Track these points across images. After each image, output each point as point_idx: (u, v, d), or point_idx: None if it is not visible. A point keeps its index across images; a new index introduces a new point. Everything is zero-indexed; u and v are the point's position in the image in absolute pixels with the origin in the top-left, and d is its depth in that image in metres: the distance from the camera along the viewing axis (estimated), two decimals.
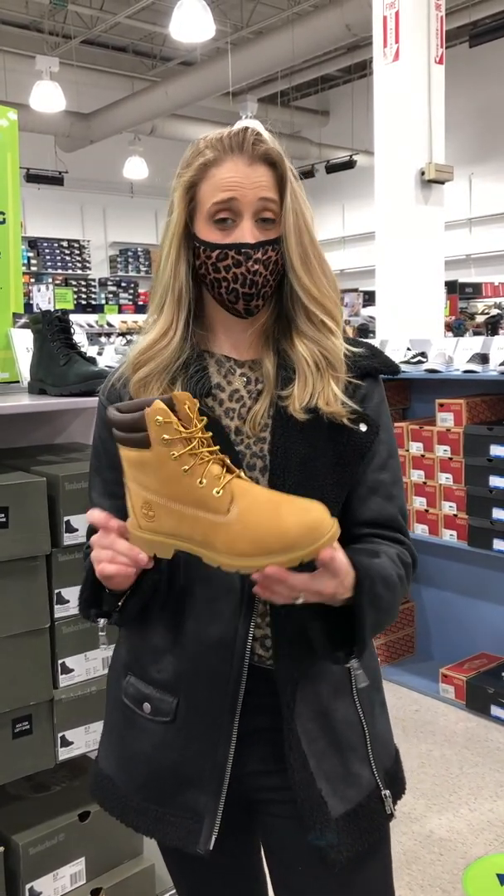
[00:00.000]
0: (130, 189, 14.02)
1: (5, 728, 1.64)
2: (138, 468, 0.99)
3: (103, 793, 1.25)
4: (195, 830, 1.14)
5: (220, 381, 1.19)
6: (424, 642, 4.16)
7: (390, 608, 1.12)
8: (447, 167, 5.49)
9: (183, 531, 0.97)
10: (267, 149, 1.13)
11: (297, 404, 1.13)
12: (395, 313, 5.52)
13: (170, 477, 0.96)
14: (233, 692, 1.12)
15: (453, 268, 10.61)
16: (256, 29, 11.16)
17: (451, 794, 2.98)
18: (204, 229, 1.14)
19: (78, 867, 1.80)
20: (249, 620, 1.12)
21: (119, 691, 1.24)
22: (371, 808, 1.17)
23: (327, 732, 1.15)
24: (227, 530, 0.94)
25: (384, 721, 1.26)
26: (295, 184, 1.14)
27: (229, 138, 1.13)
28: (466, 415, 3.56)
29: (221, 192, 1.12)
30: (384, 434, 1.19)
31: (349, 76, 13.77)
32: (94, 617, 1.14)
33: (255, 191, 1.12)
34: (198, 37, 8.20)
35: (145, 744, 1.19)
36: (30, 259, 12.82)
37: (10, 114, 2.01)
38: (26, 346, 1.98)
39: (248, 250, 1.12)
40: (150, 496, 0.98)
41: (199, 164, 1.14)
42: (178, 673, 1.15)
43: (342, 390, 1.15)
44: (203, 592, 1.13)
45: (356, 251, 13.30)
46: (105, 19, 11.03)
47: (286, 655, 1.13)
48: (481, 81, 11.75)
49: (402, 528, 1.21)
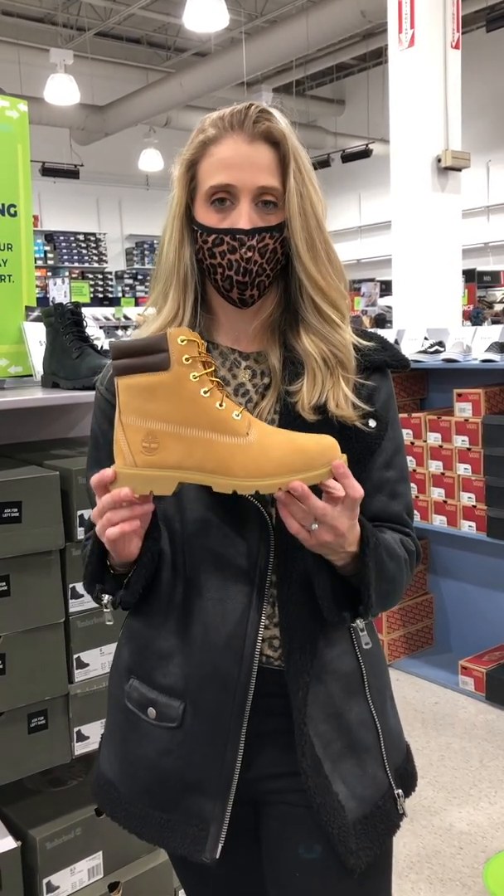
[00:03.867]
0: (146, 181, 14.00)
1: (21, 723, 1.63)
2: (146, 395, 0.96)
3: (105, 797, 1.22)
4: (201, 838, 1.10)
5: (226, 375, 1.15)
6: (443, 634, 4.13)
7: (394, 581, 1.10)
8: (464, 154, 5.43)
9: (192, 459, 0.96)
10: (269, 126, 1.07)
11: (305, 403, 1.09)
12: (413, 303, 5.48)
13: (187, 399, 0.96)
14: (242, 695, 1.09)
15: (471, 256, 10.53)
16: (270, 18, 11.08)
17: (472, 788, 2.95)
18: (202, 211, 1.10)
19: (95, 861, 1.80)
20: (259, 620, 1.09)
21: (121, 694, 1.20)
22: (386, 810, 1.15)
23: (342, 734, 1.12)
24: (247, 451, 0.95)
25: (395, 717, 1.24)
26: (302, 164, 1.08)
27: (230, 115, 1.08)
28: (485, 404, 3.52)
29: (219, 172, 1.07)
30: (392, 430, 1.16)
31: (364, 64, 13.66)
32: (98, 593, 1.11)
33: (254, 177, 1.06)
34: (212, 27, 8.15)
35: (149, 749, 1.15)
36: (46, 253, 12.85)
37: (20, 105, 1.99)
38: (39, 340, 1.97)
39: (241, 236, 1.06)
40: (157, 425, 0.97)
41: (199, 141, 1.10)
42: (185, 677, 1.11)
43: (352, 390, 1.11)
44: (210, 593, 1.10)
45: (373, 241, 13.22)
46: (119, 11, 11.00)
47: (296, 657, 1.10)
48: (499, 67, 11.61)
49: (407, 524, 1.18)
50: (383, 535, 1.11)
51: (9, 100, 1.96)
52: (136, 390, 0.97)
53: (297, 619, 1.09)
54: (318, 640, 1.11)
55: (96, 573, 1.11)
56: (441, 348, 3.81)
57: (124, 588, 1.10)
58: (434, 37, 5.36)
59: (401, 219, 5.56)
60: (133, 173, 13.58)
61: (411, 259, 5.51)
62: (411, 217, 5.49)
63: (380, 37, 11.08)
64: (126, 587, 1.09)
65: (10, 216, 1.98)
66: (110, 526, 1.00)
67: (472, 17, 10.32)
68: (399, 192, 5.54)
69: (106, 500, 0.98)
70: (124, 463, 0.98)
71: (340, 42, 11.61)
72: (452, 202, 5.54)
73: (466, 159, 5.44)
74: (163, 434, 0.97)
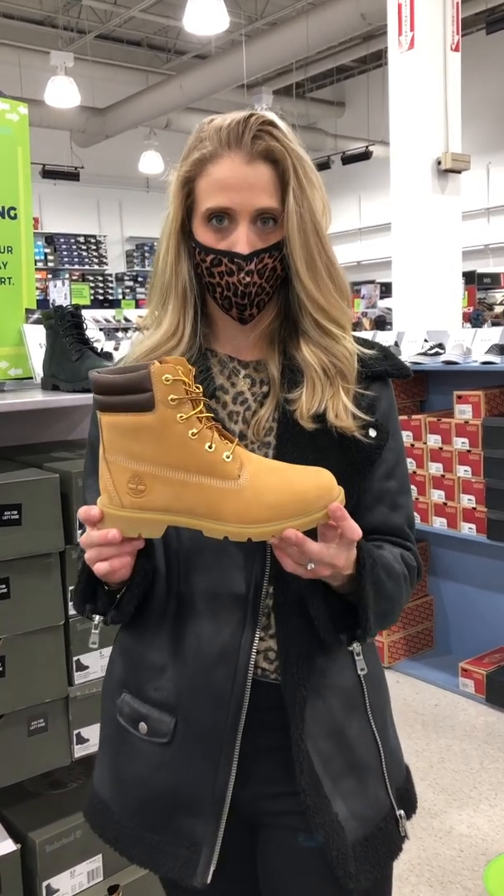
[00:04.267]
0: (146, 183, 14.01)
1: (21, 725, 1.63)
2: (130, 436, 0.91)
3: (97, 818, 1.18)
4: (192, 861, 1.06)
5: (224, 383, 1.13)
6: (443, 636, 4.13)
7: (392, 599, 1.06)
8: (464, 156, 5.43)
9: (181, 503, 0.91)
10: (268, 146, 1.03)
11: (304, 411, 1.06)
12: (413, 304, 5.48)
13: (174, 442, 0.90)
14: (235, 709, 1.05)
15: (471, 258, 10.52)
16: (271, 20, 11.09)
17: (472, 790, 2.95)
18: (200, 229, 1.07)
19: (95, 864, 1.79)
20: (254, 632, 1.06)
21: (113, 710, 1.17)
22: (388, 832, 1.11)
23: (343, 751, 1.09)
24: (239, 496, 0.90)
25: (395, 736, 1.21)
26: (303, 178, 1.05)
27: (228, 131, 1.04)
28: (485, 406, 3.52)
29: (216, 194, 1.04)
30: (392, 441, 1.13)
31: (364, 66, 13.67)
32: (88, 613, 1.08)
33: (253, 199, 1.03)
34: (212, 29, 8.15)
35: (140, 766, 1.11)
36: (46, 255, 12.85)
37: (20, 108, 1.99)
38: (39, 342, 1.97)
39: (240, 261, 1.04)
40: (143, 467, 0.91)
41: (196, 158, 1.06)
42: (177, 691, 1.08)
43: (352, 400, 1.09)
44: (204, 605, 1.07)
45: (373, 242, 13.22)
46: (119, 13, 11.01)
47: (293, 670, 1.06)
48: (498, 69, 11.62)
49: (408, 537, 1.16)
50: (382, 551, 1.08)
51: (9, 102, 1.96)
52: (119, 429, 0.91)
53: (294, 631, 1.07)
54: (317, 653, 1.08)
55: (86, 593, 1.08)
56: (441, 350, 3.81)
57: (115, 608, 1.07)
58: (434, 39, 5.37)
59: (401, 221, 5.56)
60: (133, 175, 13.59)
61: (411, 261, 5.51)
62: (411, 219, 5.49)
63: (380, 39, 11.10)
64: (117, 607, 1.06)
65: (10, 219, 1.98)
66: (99, 561, 0.97)
67: (471, 20, 10.34)
68: (399, 195, 5.54)
69: (94, 536, 0.95)
70: (110, 502, 0.94)
71: (340, 44, 11.62)
72: (452, 204, 5.54)
73: (466, 161, 5.44)
74: (150, 476, 0.91)
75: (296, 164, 1.05)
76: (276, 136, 1.05)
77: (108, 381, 0.91)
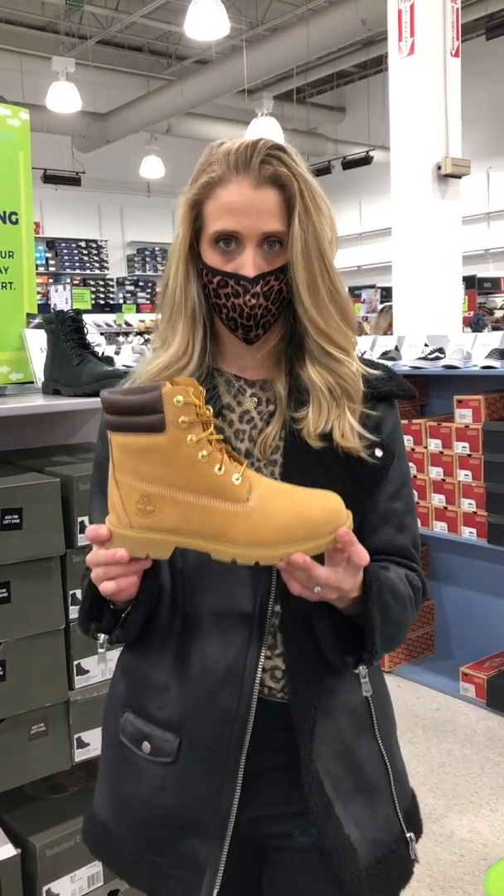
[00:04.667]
0: (147, 188, 14.03)
1: (21, 730, 1.63)
2: (140, 456, 0.91)
3: (96, 840, 1.16)
4: (195, 884, 1.05)
5: (230, 402, 1.13)
6: (444, 640, 4.13)
7: (399, 622, 1.06)
8: (464, 161, 5.44)
9: (190, 525, 0.91)
10: (275, 171, 1.05)
11: (311, 430, 1.06)
12: (413, 309, 5.48)
13: (184, 464, 0.90)
14: (240, 728, 1.04)
15: (471, 263, 10.54)
16: (271, 26, 11.13)
17: (473, 795, 2.95)
18: (208, 251, 1.08)
19: (95, 869, 1.79)
20: (259, 651, 1.05)
21: (116, 729, 1.15)
22: (400, 855, 1.10)
23: (353, 773, 1.08)
24: (247, 519, 0.90)
25: (401, 758, 1.20)
26: (309, 203, 1.06)
27: (236, 155, 1.05)
28: (485, 411, 3.52)
29: (224, 217, 1.05)
30: (398, 461, 1.13)
31: (365, 72, 13.70)
32: (93, 632, 1.07)
33: (260, 223, 1.05)
34: (213, 35, 8.17)
35: (142, 786, 1.10)
36: (48, 259, 12.88)
37: (22, 114, 2.01)
38: (40, 347, 1.98)
39: (245, 283, 1.05)
40: (152, 488, 0.91)
41: (204, 182, 1.07)
42: (181, 710, 1.07)
43: (358, 420, 1.09)
44: (210, 623, 1.06)
45: (373, 247, 13.24)
46: (120, 19, 11.04)
47: (301, 689, 1.05)
48: (498, 74, 11.64)
49: (413, 558, 1.15)
50: (387, 573, 1.07)
51: (10, 108, 1.97)
52: (129, 450, 0.91)
53: (302, 650, 1.06)
54: (325, 673, 1.07)
55: (91, 612, 1.07)
56: (441, 355, 3.82)
57: (120, 627, 1.06)
58: (434, 45, 5.38)
59: (401, 226, 5.57)
60: (134, 180, 13.62)
61: (412, 266, 5.52)
62: (412, 224, 5.50)
63: (380, 44, 11.12)
64: (122, 626, 1.06)
65: (11, 224, 1.99)
66: (106, 580, 0.97)
67: (471, 25, 10.36)
68: (399, 199, 5.55)
69: (101, 556, 0.95)
70: (119, 521, 0.94)
71: (341, 50, 11.65)
72: (452, 209, 5.55)
73: (466, 167, 5.46)
74: (159, 497, 0.91)
75: (303, 189, 1.06)
76: (284, 161, 1.05)
77: (120, 401, 0.91)
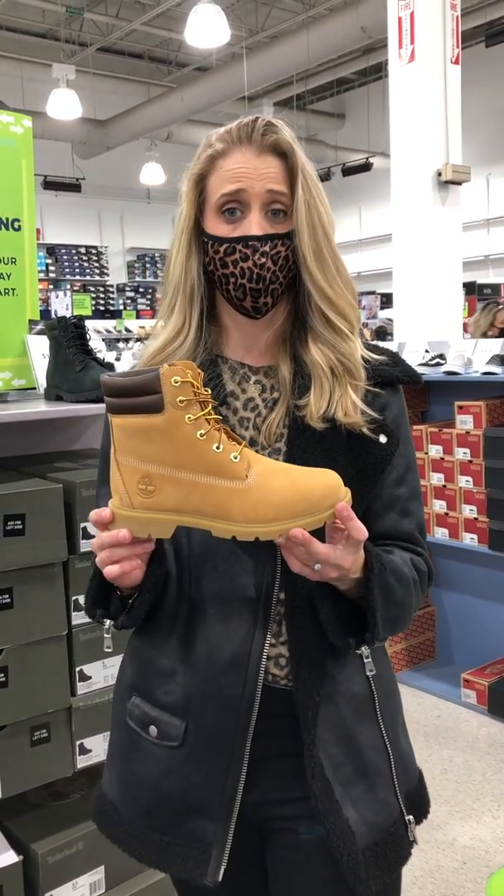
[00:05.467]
0: (147, 195, 14.06)
1: (24, 736, 1.63)
2: (141, 437, 0.93)
3: (105, 819, 1.19)
4: (203, 860, 1.07)
5: (234, 389, 1.14)
6: (445, 647, 4.12)
7: (402, 604, 1.07)
8: (464, 168, 5.46)
9: (190, 503, 0.93)
10: (277, 139, 1.08)
11: (314, 413, 1.07)
12: (413, 315, 5.49)
13: (183, 443, 0.92)
14: (245, 714, 1.06)
15: (471, 269, 10.56)
16: (271, 33, 11.16)
17: (475, 802, 2.94)
18: (212, 223, 1.10)
19: (97, 876, 1.79)
20: (264, 638, 1.07)
21: (123, 713, 1.18)
22: (398, 837, 1.12)
23: (353, 757, 1.09)
24: (246, 496, 0.91)
25: (406, 742, 1.21)
26: (309, 176, 1.09)
27: (238, 129, 1.09)
28: (486, 417, 3.53)
29: (229, 183, 1.07)
30: (403, 447, 1.13)
31: (364, 78, 13.74)
32: (99, 617, 1.09)
33: (263, 182, 1.07)
34: (213, 42, 8.20)
35: (150, 769, 1.12)
36: (48, 266, 12.89)
37: (24, 121, 2.01)
38: (42, 353, 1.98)
39: (254, 243, 1.06)
40: (153, 468, 0.93)
41: (207, 155, 1.10)
42: (187, 695, 1.09)
43: (361, 398, 1.10)
44: (215, 610, 1.07)
45: (373, 253, 13.26)
46: (120, 26, 11.08)
47: (305, 675, 1.07)
48: (498, 82, 11.68)
49: (419, 543, 1.16)
50: (391, 556, 1.08)
51: (13, 115, 1.98)
52: (129, 431, 0.93)
53: (306, 637, 1.07)
54: (328, 659, 1.08)
55: (97, 597, 1.09)
56: (442, 361, 3.82)
57: (126, 613, 1.08)
58: (434, 52, 5.40)
59: (401, 232, 5.58)
60: (134, 187, 13.65)
61: (412, 272, 5.52)
62: (412, 230, 5.51)
63: (379, 52, 11.17)
64: (129, 612, 1.08)
65: (13, 230, 1.99)
66: (110, 563, 0.98)
67: (471, 33, 10.40)
68: (400, 206, 5.56)
69: (105, 537, 0.97)
70: (121, 503, 0.96)
71: (341, 57, 11.69)
72: (453, 215, 5.56)
73: (467, 173, 5.47)
74: (159, 477, 0.93)
75: (303, 160, 1.09)
76: (283, 133, 1.09)
77: (119, 383, 0.93)
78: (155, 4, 10.34)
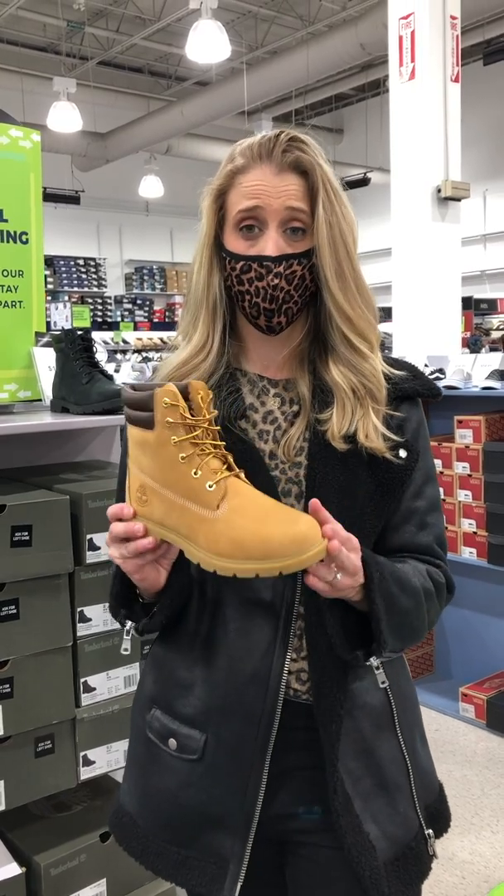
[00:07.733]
0: (146, 207, 14.11)
1: (28, 747, 1.63)
2: (140, 449, 0.98)
3: (122, 831, 1.18)
4: (219, 876, 1.07)
5: (254, 402, 1.14)
6: (444, 661, 4.12)
7: (408, 613, 1.06)
8: (464, 184, 5.50)
9: (171, 520, 0.96)
10: (297, 157, 1.07)
11: (336, 431, 1.07)
12: (412, 330, 5.52)
13: (167, 462, 0.95)
14: (265, 728, 1.06)
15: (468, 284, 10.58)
16: (271, 49, 11.25)
17: (474, 816, 2.94)
18: (231, 239, 1.10)
19: (100, 888, 1.78)
20: (285, 653, 1.06)
21: (143, 725, 1.18)
22: (419, 851, 1.12)
23: (372, 771, 1.09)
24: (211, 527, 0.92)
25: (426, 755, 1.21)
26: (331, 192, 1.08)
27: (259, 145, 1.09)
28: (485, 431, 3.54)
29: (246, 199, 1.07)
30: (422, 461, 1.13)
31: (363, 94, 13.84)
32: (122, 618, 1.10)
33: (282, 199, 1.06)
34: (213, 57, 8.26)
35: (169, 782, 1.12)
36: (46, 277, 12.91)
37: (33, 136, 2.03)
38: (48, 365, 1.99)
39: (268, 263, 1.06)
40: (147, 480, 0.98)
41: (228, 170, 1.10)
42: (207, 708, 1.09)
43: (381, 421, 1.09)
44: (236, 624, 1.08)
45: (371, 268, 13.15)
46: (121, 41, 11.16)
47: (326, 690, 1.07)
48: (495, 99, 11.79)
49: (437, 555, 1.15)
50: (398, 565, 1.08)
51: (23, 130, 2.00)
52: (134, 441, 0.99)
53: (326, 653, 1.07)
54: (348, 674, 1.08)
55: (121, 596, 1.10)
56: (442, 375, 3.84)
57: (149, 618, 1.09)
58: (434, 70, 5.45)
59: (401, 247, 5.62)
60: (133, 199, 13.70)
61: (411, 286, 5.56)
62: (411, 245, 5.55)
63: (378, 68, 11.26)
64: (151, 616, 1.08)
65: (21, 243, 2.01)
66: (121, 558, 1.02)
67: (469, 51, 10.48)
68: (399, 221, 5.60)
69: (117, 528, 1.01)
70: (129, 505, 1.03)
71: (340, 73, 11.77)
72: (452, 231, 5.60)
73: (466, 189, 5.51)
74: (150, 489, 0.98)
75: (325, 178, 1.08)
76: (305, 151, 1.08)
77: (127, 395, 1.00)
78: (155, 19, 10.42)
